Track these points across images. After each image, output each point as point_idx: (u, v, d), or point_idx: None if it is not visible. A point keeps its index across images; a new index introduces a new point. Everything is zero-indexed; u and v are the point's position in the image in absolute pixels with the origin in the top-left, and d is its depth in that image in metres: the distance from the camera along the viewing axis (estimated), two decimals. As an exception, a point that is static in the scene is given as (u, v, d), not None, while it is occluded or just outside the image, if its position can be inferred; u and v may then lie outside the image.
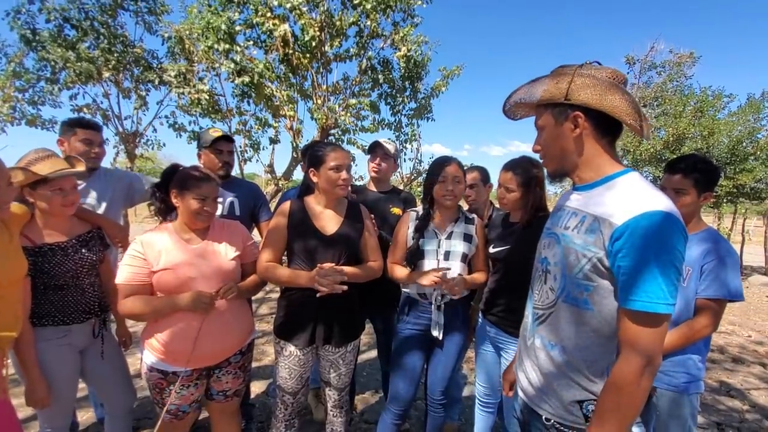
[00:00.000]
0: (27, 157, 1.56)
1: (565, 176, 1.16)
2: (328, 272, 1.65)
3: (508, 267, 1.83)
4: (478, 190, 2.47)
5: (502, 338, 1.84)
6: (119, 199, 2.25)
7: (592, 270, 0.98)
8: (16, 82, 6.47)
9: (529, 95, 1.12)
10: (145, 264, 1.60)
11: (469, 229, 1.98)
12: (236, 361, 1.80)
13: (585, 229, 1.01)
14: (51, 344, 1.59)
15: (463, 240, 1.94)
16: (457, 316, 1.98)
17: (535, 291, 1.18)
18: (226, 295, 1.64)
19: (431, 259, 1.94)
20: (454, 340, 1.97)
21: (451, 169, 1.91)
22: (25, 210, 1.58)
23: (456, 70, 6.99)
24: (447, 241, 1.94)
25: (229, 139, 2.32)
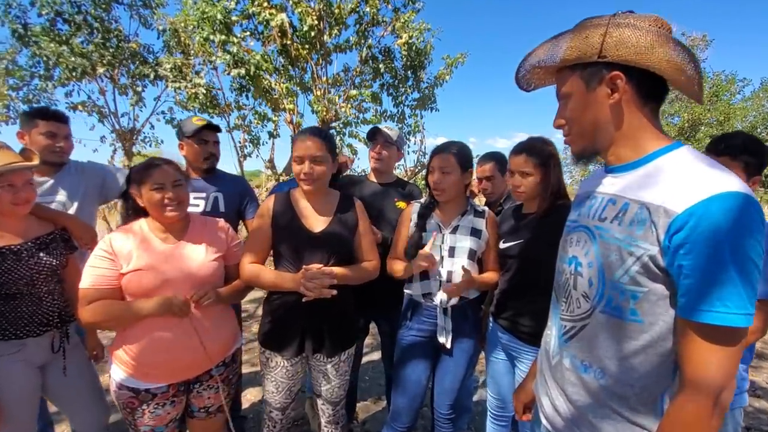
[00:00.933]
0: None
1: (594, 156, 0.93)
2: (314, 275, 1.45)
3: (521, 264, 1.61)
4: (495, 181, 2.23)
5: (515, 346, 1.63)
6: (93, 195, 2.05)
7: (641, 272, 0.76)
8: (10, 80, 6.33)
9: (551, 56, 0.89)
10: (113, 265, 1.41)
11: (478, 222, 1.75)
12: (219, 374, 1.60)
13: (629, 219, 0.79)
14: (2, 360, 1.41)
15: (470, 235, 1.72)
16: (467, 320, 1.76)
17: (561, 298, 0.96)
18: (201, 302, 1.44)
19: (434, 254, 1.73)
20: (464, 347, 1.76)
21: (439, 159, 1.70)
22: None
23: (460, 57, 6.72)
24: (451, 235, 1.72)
25: (215, 128, 2.12)
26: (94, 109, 6.67)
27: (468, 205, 1.80)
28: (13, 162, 1.39)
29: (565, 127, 0.93)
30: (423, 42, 6.19)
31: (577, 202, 1.01)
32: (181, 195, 1.48)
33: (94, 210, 2.10)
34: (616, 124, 0.85)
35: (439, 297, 1.69)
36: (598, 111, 0.85)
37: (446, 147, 1.72)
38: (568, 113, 0.90)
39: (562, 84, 0.90)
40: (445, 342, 1.70)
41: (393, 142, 2.14)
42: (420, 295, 1.75)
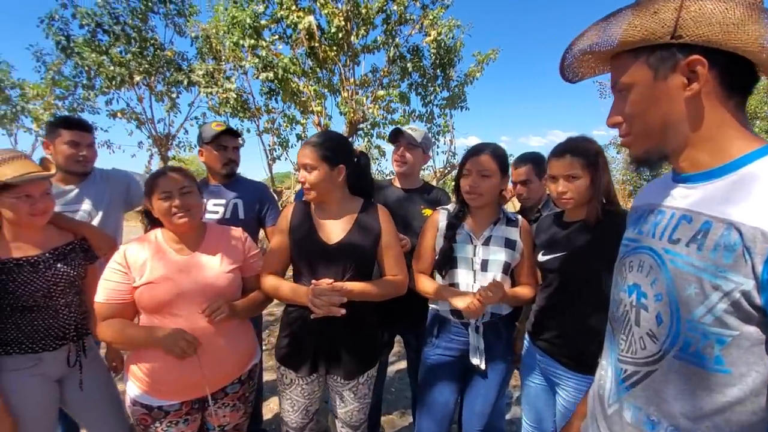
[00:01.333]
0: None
1: (662, 160, 0.76)
2: (322, 291, 1.32)
3: (564, 279, 1.43)
4: (532, 186, 2.03)
5: (556, 371, 1.45)
6: (118, 203, 2.04)
7: (730, 310, 0.59)
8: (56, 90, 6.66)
9: (606, 38, 0.73)
10: (126, 279, 1.37)
11: (512, 232, 1.59)
12: (234, 392, 1.53)
13: (713, 243, 0.62)
14: (19, 375, 1.39)
15: (504, 246, 1.56)
16: (500, 338, 1.60)
17: (618, 333, 0.80)
18: (213, 316, 1.36)
19: (465, 269, 1.58)
20: (497, 368, 1.59)
21: (476, 161, 1.54)
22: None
23: (491, 54, 6.48)
24: (484, 247, 1.57)
25: (235, 134, 2.07)
26: (133, 116, 6.91)
27: (500, 213, 1.63)
28: (30, 172, 1.36)
29: (623, 125, 0.76)
30: (452, 39, 6.00)
31: (637, 216, 0.84)
32: (190, 202, 1.42)
33: (119, 217, 2.10)
34: (692, 122, 0.68)
35: None
36: (669, 106, 0.69)
37: (483, 148, 1.58)
38: (628, 108, 0.74)
39: (620, 72, 0.74)
40: (479, 363, 1.54)
41: (417, 144, 2.00)
42: (447, 311, 1.60)
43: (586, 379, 1.36)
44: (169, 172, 1.44)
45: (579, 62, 0.80)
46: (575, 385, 1.37)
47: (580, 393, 1.36)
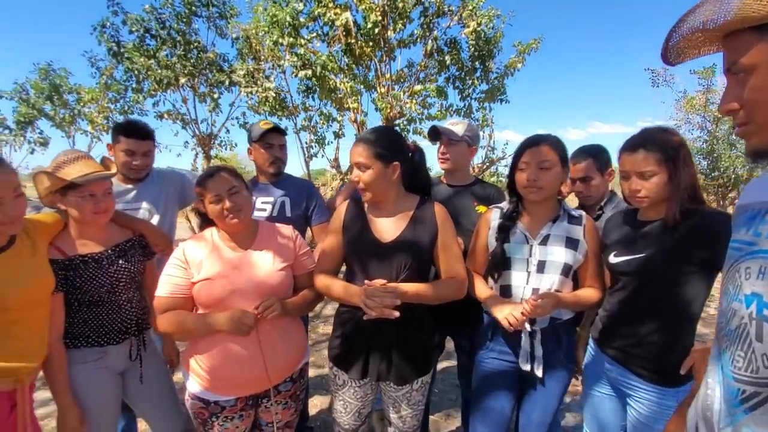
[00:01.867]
0: (56, 159, 1.41)
1: None
2: (374, 291, 1.28)
3: (642, 285, 1.30)
4: (591, 182, 1.86)
5: (630, 382, 1.33)
6: (173, 202, 2.10)
7: None
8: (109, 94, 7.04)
9: (723, 14, 0.63)
10: (186, 274, 1.40)
11: (574, 231, 1.47)
12: (286, 390, 1.53)
13: None
14: (86, 367, 1.44)
15: (564, 246, 1.44)
16: (560, 345, 1.50)
17: (735, 352, 0.70)
18: (265, 314, 1.36)
19: (520, 270, 1.47)
20: (556, 376, 1.49)
21: (535, 152, 1.43)
22: (57, 218, 1.44)
23: (533, 43, 6.22)
24: (541, 247, 1.46)
25: (280, 132, 2.07)
26: (178, 117, 7.19)
27: (560, 210, 1.51)
28: (93, 172, 1.41)
29: (740, 112, 0.66)
30: (492, 29, 5.81)
31: (749, 215, 0.73)
32: (240, 202, 1.42)
33: (174, 215, 2.16)
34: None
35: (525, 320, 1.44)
36: None
37: (541, 138, 1.46)
38: (748, 93, 0.64)
39: (739, 53, 0.64)
40: (532, 370, 1.45)
41: (459, 138, 1.90)
42: None
43: (664, 391, 1.25)
44: (216, 173, 1.44)
45: (687, 41, 0.70)
46: (652, 398, 1.26)
47: (658, 406, 1.25)
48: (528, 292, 1.45)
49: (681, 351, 1.23)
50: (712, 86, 8.18)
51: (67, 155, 1.41)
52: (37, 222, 1.35)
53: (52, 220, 1.41)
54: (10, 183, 1.13)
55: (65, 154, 1.41)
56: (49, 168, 1.37)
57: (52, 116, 8.02)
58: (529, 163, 1.43)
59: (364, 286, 1.32)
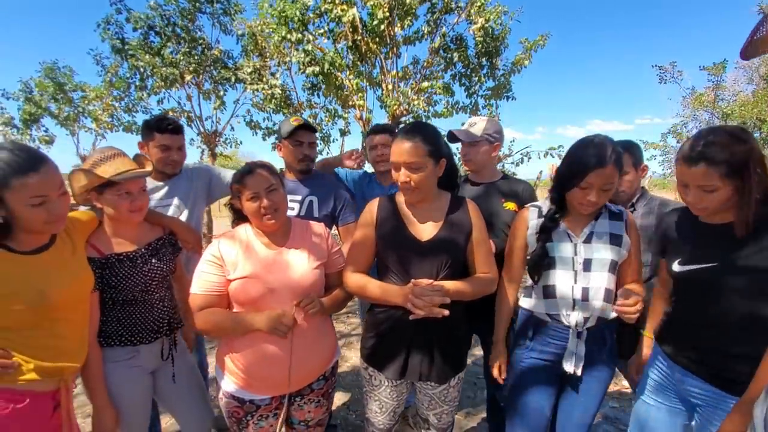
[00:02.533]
0: (92, 157, 1.40)
1: None
2: (423, 291, 1.27)
3: (717, 295, 1.21)
4: (626, 177, 1.80)
5: (704, 393, 1.25)
6: (201, 198, 2.09)
7: None
8: (114, 92, 7.01)
9: None
10: (221, 271, 1.39)
11: (616, 227, 1.44)
12: (319, 388, 1.53)
13: None
14: (120, 366, 1.44)
15: (609, 243, 1.42)
16: (603, 344, 1.47)
17: None
18: (307, 309, 1.36)
19: (564, 269, 1.43)
20: (599, 376, 1.46)
21: (601, 174, 1.31)
22: (92, 216, 1.43)
23: (540, 40, 6.20)
24: (585, 245, 1.43)
25: (311, 129, 2.03)
26: (183, 114, 7.17)
27: (602, 207, 1.47)
28: (129, 170, 1.40)
29: None
30: (500, 26, 5.79)
31: None
32: (277, 201, 1.41)
33: (202, 211, 2.16)
34: None
35: (574, 319, 1.43)
36: None
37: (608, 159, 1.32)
38: None
39: None
40: (574, 370, 1.43)
41: (479, 138, 1.86)
42: (544, 313, 1.49)
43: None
44: (255, 170, 1.42)
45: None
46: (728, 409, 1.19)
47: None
48: (578, 291, 1.41)
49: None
50: (722, 82, 8.17)
51: (104, 152, 1.39)
52: (74, 220, 1.34)
53: (88, 218, 1.40)
54: (56, 181, 1.12)
55: (101, 151, 1.40)
56: (85, 165, 1.35)
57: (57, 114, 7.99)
58: (592, 186, 1.34)
59: (411, 286, 1.30)
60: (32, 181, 1.06)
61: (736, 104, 8.56)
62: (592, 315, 1.42)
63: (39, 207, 1.08)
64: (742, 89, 9.62)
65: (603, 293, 1.41)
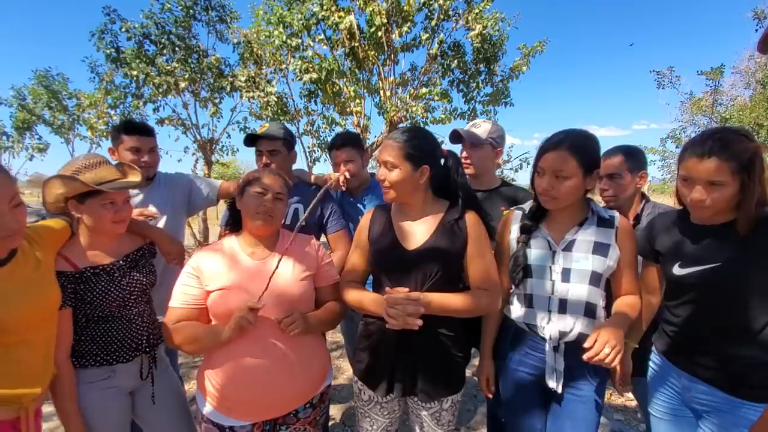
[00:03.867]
0: (75, 163, 1.31)
1: None
2: (396, 300, 1.19)
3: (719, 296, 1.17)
4: (619, 181, 1.73)
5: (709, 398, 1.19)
6: (180, 207, 2.00)
7: None
8: (108, 100, 6.95)
9: None
10: (198, 284, 1.31)
11: (604, 235, 1.33)
12: (305, 416, 1.42)
13: None
14: (93, 387, 1.33)
15: (591, 252, 1.31)
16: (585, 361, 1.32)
17: None
18: (288, 330, 1.27)
19: (542, 278, 1.35)
20: (582, 397, 1.33)
21: (549, 157, 1.30)
22: (65, 225, 1.33)
23: (538, 46, 6.21)
24: (565, 253, 1.33)
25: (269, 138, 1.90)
26: (179, 122, 7.11)
27: (588, 211, 1.38)
28: (116, 179, 1.32)
29: None
30: (498, 32, 5.77)
31: None
32: (278, 209, 1.37)
33: (182, 222, 2.06)
34: None
35: (549, 331, 1.34)
36: None
37: (560, 141, 1.30)
38: None
39: None
40: (555, 387, 1.34)
41: (483, 141, 1.82)
42: (522, 322, 1.41)
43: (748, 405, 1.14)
44: (276, 173, 1.43)
45: None
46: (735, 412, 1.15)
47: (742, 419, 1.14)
48: (555, 303, 1.34)
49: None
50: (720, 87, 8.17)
51: (88, 160, 1.31)
52: (43, 229, 1.24)
53: (61, 227, 1.31)
54: (6, 193, 1.00)
55: (85, 158, 1.32)
56: (67, 172, 1.26)
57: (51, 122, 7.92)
58: (544, 169, 1.32)
59: (386, 294, 1.24)
60: None
61: (734, 109, 8.59)
62: (571, 330, 1.33)
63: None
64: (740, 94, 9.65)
65: (583, 307, 1.32)
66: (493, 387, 1.53)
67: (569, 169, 1.27)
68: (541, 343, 1.37)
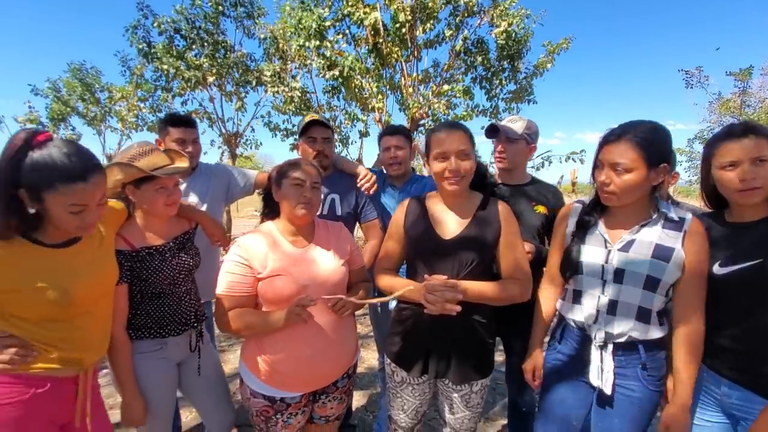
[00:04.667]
0: (130, 151, 1.41)
1: None
2: (435, 286, 1.24)
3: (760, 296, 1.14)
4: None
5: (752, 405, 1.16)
6: (219, 197, 2.10)
7: None
8: (139, 93, 7.20)
9: None
10: (248, 271, 1.37)
11: (668, 237, 1.23)
12: (343, 385, 1.54)
13: None
14: (148, 357, 1.45)
15: (651, 255, 1.22)
16: (637, 362, 1.28)
17: None
18: (341, 312, 1.39)
19: (592, 276, 1.32)
20: (637, 400, 1.28)
21: (608, 149, 1.24)
22: (123, 207, 1.44)
23: (563, 43, 6.14)
24: (621, 253, 1.26)
25: (325, 125, 2.00)
26: (205, 116, 7.31)
27: (654, 211, 1.28)
28: (167, 164, 1.41)
29: None
30: (523, 29, 5.74)
31: None
32: (315, 197, 1.43)
33: (221, 210, 2.16)
34: None
35: (595, 332, 1.33)
36: None
37: (623, 132, 1.23)
38: None
39: None
40: (601, 385, 1.29)
41: (518, 137, 1.85)
42: (571, 319, 1.41)
43: None
44: (308, 164, 1.47)
45: None
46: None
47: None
48: (604, 303, 1.29)
49: None
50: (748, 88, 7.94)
51: (142, 147, 1.41)
52: (108, 210, 1.34)
53: (120, 208, 1.42)
54: (100, 193, 1.11)
55: (139, 146, 1.42)
56: (123, 159, 1.37)
57: (84, 113, 8.24)
58: (603, 162, 1.26)
59: (425, 281, 1.29)
60: (77, 190, 1.04)
61: (762, 110, 8.33)
62: (619, 333, 1.28)
63: (76, 214, 1.07)
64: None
65: (635, 311, 1.26)
66: (539, 380, 1.51)
67: (629, 162, 1.19)
68: (588, 341, 1.35)
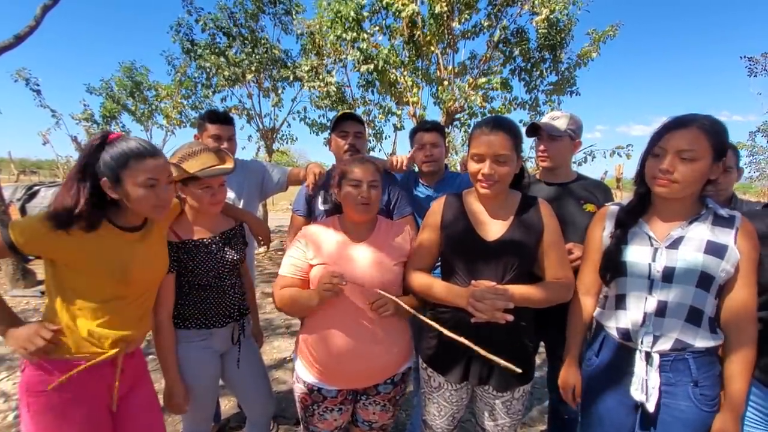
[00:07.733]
0: (180, 151, 1.48)
1: None
2: (484, 294, 1.20)
3: None
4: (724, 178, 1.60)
5: None
6: (254, 192, 2.15)
7: None
8: (182, 90, 7.50)
9: None
10: (304, 257, 1.43)
11: (721, 234, 1.16)
12: (386, 392, 1.50)
13: None
14: (193, 347, 1.51)
15: (704, 252, 1.15)
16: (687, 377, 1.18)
17: None
18: (380, 312, 1.36)
19: (639, 277, 1.22)
20: (687, 421, 1.18)
21: (676, 135, 1.13)
22: (176, 203, 1.51)
23: (610, 30, 5.79)
24: (669, 251, 1.18)
25: (356, 119, 1.97)
26: (244, 112, 7.50)
27: (702, 208, 1.22)
28: (213, 165, 1.46)
29: None
30: (566, 17, 5.47)
31: None
32: (373, 196, 1.44)
33: (256, 206, 2.21)
34: None
35: (642, 337, 1.22)
36: None
37: (691, 120, 1.14)
38: None
39: None
40: (644, 401, 1.20)
41: (561, 134, 1.76)
42: (614, 327, 1.30)
43: None
44: (364, 162, 1.48)
45: None
46: None
47: None
48: (651, 304, 1.20)
49: None
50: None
51: (192, 148, 1.47)
52: None
53: (174, 204, 1.48)
54: (167, 169, 1.21)
55: (189, 146, 1.48)
56: (173, 159, 1.43)
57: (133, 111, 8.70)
58: (666, 150, 1.15)
59: (471, 287, 1.24)
60: (148, 164, 1.15)
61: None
62: (667, 336, 1.19)
63: (150, 189, 1.15)
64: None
65: (686, 312, 1.17)
66: (579, 399, 1.42)
67: (700, 150, 1.11)
68: (632, 351, 1.26)
